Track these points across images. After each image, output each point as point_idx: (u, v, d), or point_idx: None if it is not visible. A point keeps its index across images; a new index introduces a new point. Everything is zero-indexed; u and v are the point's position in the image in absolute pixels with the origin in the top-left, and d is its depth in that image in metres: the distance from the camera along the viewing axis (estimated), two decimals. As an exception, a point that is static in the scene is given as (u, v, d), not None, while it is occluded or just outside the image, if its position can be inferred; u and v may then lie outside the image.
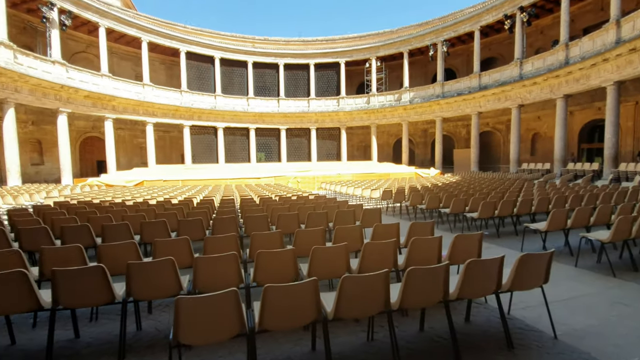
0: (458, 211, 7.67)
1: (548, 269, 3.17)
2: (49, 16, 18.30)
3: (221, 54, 27.54)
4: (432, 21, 27.14)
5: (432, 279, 2.60)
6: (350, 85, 31.13)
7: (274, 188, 13.89)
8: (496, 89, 21.27)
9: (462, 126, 27.98)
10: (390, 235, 4.29)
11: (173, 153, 28.65)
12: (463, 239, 3.85)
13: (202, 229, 5.11)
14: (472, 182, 13.71)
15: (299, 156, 30.63)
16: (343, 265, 3.27)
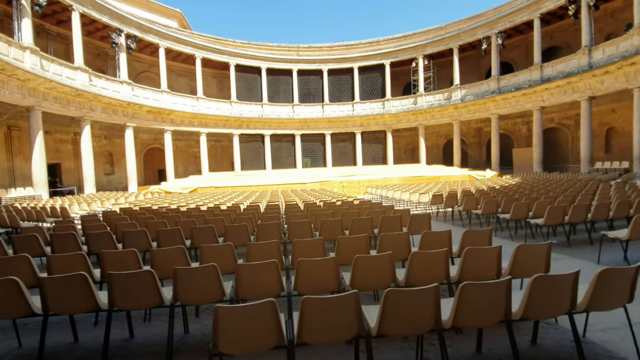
0: (520, 217, 6.94)
1: (633, 286, 2.67)
2: (118, 41, 20.46)
3: (267, 64, 28.55)
4: (484, 13, 25.42)
5: (491, 295, 2.29)
6: (395, 86, 30.34)
7: (319, 193, 13.89)
8: (561, 81, 19.20)
9: (522, 123, 25.69)
10: (440, 244, 3.96)
11: (224, 161, 30.21)
12: (527, 250, 3.40)
13: (247, 235, 5.20)
14: (535, 184, 12.44)
15: (344, 161, 30.51)
16: (388, 276, 3.05)
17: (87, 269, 3.70)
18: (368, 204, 8.36)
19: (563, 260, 5.53)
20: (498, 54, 23.29)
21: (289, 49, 31.11)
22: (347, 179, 21.12)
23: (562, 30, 22.76)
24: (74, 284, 2.89)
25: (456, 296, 2.20)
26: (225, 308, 2.01)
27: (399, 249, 3.96)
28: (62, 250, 5.01)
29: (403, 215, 6.07)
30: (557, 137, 24.03)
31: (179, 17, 31.41)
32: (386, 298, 2.05)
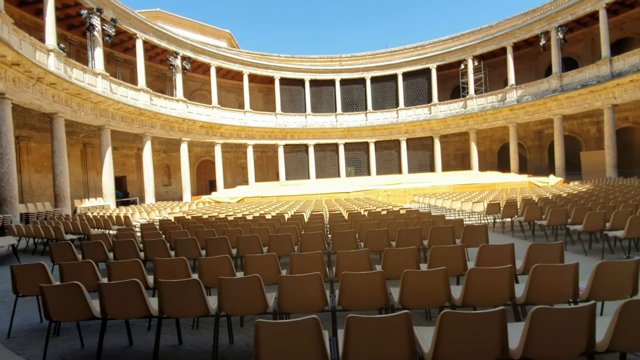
0: (595, 228, 6.09)
1: None
2: (174, 63, 22.25)
3: (310, 75, 29.10)
4: (541, 7, 23.54)
5: (570, 323, 1.93)
6: (442, 90, 29.12)
7: (363, 202, 13.59)
8: (635, 75, 16.94)
9: (591, 123, 23.07)
10: (502, 260, 3.54)
11: (269, 171, 31.11)
12: (610, 268, 2.90)
13: (290, 245, 5.15)
14: (611, 191, 10.97)
15: (388, 169, 29.79)
16: (442, 294, 2.76)
17: (142, 275, 3.88)
18: (415, 214, 7.94)
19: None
20: (559, 49, 21.29)
21: (332, 60, 31.48)
22: (393, 188, 20.51)
23: (633, 20, 20.24)
24: (128, 290, 3.02)
25: (527, 322, 1.88)
26: (266, 324, 1.91)
27: (453, 264, 3.62)
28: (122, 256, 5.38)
29: (455, 225, 5.63)
30: (634, 137, 21.16)
31: (228, 38, 33.43)
32: (442, 321, 1.80)
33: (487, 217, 10.08)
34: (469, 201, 10.95)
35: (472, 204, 10.46)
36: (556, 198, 9.75)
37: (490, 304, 3.02)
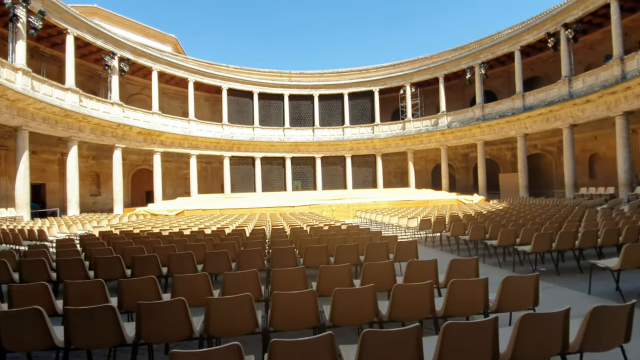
0: (507, 243, 6.86)
1: (629, 324, 2.54)
2: (111, 64, 20.60)
3: (259, 88, 29.01)
4: (467, 45, 26.69)
5: (477, 335, 2.14)
6: (384, 112, 31.02)
7: (307, 217, 13.69)
8: (543, 109, 19.91)
9: (507, 149, 26.32)
10: (426, 274, 3.82)
11: (214, 183, 29.91)
12: (515, 281, 3.29)
13: (227, 262, 4.97)
14: (522, 209, 12.51)
15: (334, 184, 30.53)
16: (370, 310, 2.88)
17: (49, 300, 3.43)
18: (355, 229, 8.22)
19: (552, 290, 5.41)
20: (482, 83, 24.19)
21: (281, 75, 31.80)
22: (337, 203, 21.01)
23: (542, 62, 23.90)
24: (28, 319, 2.65)
25: (439, 337, 2.05)
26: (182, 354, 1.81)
27: (384, 280, 3.80)
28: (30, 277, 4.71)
29: (390, 242, 5.94)
30: (541, 163, 24.62)
31: (173, 42, 32.03)
32: (363, 339, 1.88)
33: (420, 231, 10.79)
34: (405, 217, 11.65)
35: (407, 220, 11.14)
36: (477, 215, 10.83)
37: (414, 318, 3.22)
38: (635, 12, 18.20)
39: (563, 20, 18.74)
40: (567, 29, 18.47)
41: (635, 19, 18.46)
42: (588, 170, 21.48)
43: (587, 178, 21.09)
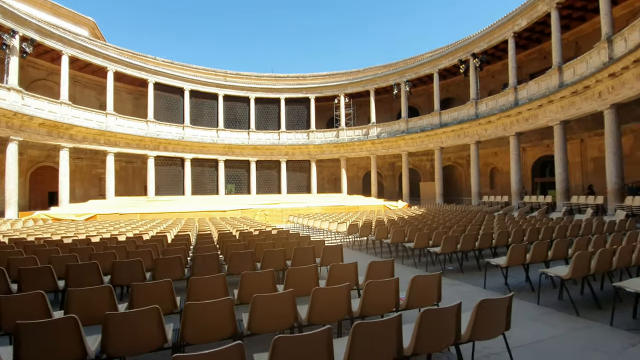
0: (422, 246, 7.55)
1: (509, 315, 2.98)
2: (10, 43, 17.50)
3: (191, 86, 27.44)
4: (395, 63, 28.99)
5: (383, 333, 2.31)
6: (320, 119, 31.84)
7: (238, 222, 13.29)
8: (455, 127, 22.54)
9: (427, 160, 29.09)
10: (347, 277, 4.01)
11: (136, 184, 27.26)
12: (422, 280, 3.63)
13: (141, 272, 4.56)
14: (436, 214, 13.90)
15: (269, 188, 30.20)
16: (289, 316, 2.91)
17: None
18: (285, 234, 8.24)
19: (457, 286, 6.09)
20: (407, 99, 26.47)
21: (216, 74, 30.57)
22: (271, 207, 20.81)
23: (456, 85, 27.09)
24: None
25: (349, 337, 2.16)
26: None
27: (308, 284, 3.88)
28: None
29: (317, 246, 6.08)
30: (454, 173, 27.77)
31: (91, 26, 28.57)
32: (275, 347, 1.89)
33: (349, 236, 11.27)
34: (335, 222, 12.06)
35: (337, 224, 11.54)
36: (400, 220, 11.73)
37: (333, 321, 3.36)
38: (527, 49, 21.75)
39: (472, 50, 21.54)
40: (475, 58, 21.26)
41: (527, 55, 22.06)
42: (489, 181, 24.86)
43: (488, 188, 24.38)
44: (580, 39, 18.64)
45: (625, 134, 15.05)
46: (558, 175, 15.95)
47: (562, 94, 15.37)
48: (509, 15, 19.03)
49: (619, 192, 12.96)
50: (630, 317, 4.23)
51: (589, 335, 3.86)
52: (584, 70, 14.53)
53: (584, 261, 4.63)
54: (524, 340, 3.69)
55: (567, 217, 10.44)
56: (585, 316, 4.38)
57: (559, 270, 4.94)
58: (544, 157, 20.98)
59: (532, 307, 4.83)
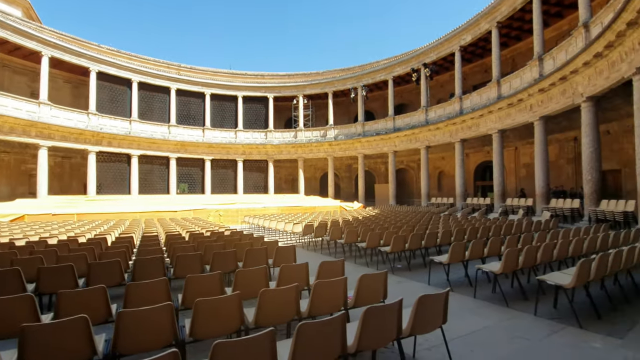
0: (374, 245, 7.81)
1: (445, 309, 3.18)
2: None
3: (140, 77, 25.73)
4: (353, 68, 29.74)
5: (328, 332, 2.36)
6: (278, 119, 31.61)
7: (190, 223, 12.72)
8: (408, 131, 23.71)
9: (382, 163, 30.20)
10: (298, 278, 4.03)
11: (74, 182, 24.91)
12: (369, 279, 3.76)
13: (73, 278, 4.17)
14: (389, 215, 14.47)
15: (224, 188, 29.28)
16: (235, 319, 2.85)
17: None
18: (239, 235, 8.05)
19: (404, 283, 6.39)
20: (363, 103, 27.29)
21: (169, 66, 29.00)
22: (226, 208, 20.22)
23: (409, 92, 28.49)
24: None
25: (293, 337, 2.18)
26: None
27: (257, 286, 3.82)
28: None
29: (270, 247, 6.03)
30: (406, 176, 29.16)
31: (25, 7, 25.58)
32: (214, 352, 1.84)
33: (304, 236, 11.31)
34: (291, 223, 12.04)
35: (292, 225, 11.53)
36: (354, 220, 12.04)
37: (282, 322, 3.35)
38: (471, 62, 23.53)
39: (423, 60, 22.82)
40: (426, 68, 22.55)
41: (471, 68, 23.87)
42: (437, 184, 26.47)
43: (436, 190, 25.96)
44: (517, 56, 20.60)
45: (551, 144, 16.90)
46: (495, 179, 17.45)
47: (500, 106, 16.87)
48: (456, 30, 20.46)
49: (545, 195, 14.52)
50: (552, 307, 4.75)
51: (515, 324, 4.26)
52: (518, 84, 16.07)
53: (513, 257, 5.12)
54: (461, 331, 3.97)
55: (502, 218, 11.46)
56: (513, 307, 4.83)
57: (492, 266, 5.41)
58: (485, 162, 22.86)
59: (470, 300, 5.23)
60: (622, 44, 9.95)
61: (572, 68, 12.10)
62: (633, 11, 8.70)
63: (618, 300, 4.97)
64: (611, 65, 10.62)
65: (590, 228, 7.69)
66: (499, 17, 17.38)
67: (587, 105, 11.90)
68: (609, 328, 4.03)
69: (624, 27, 9.31)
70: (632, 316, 4.40)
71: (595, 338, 3.79)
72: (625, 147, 14.14)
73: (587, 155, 11.90)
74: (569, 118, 15.20)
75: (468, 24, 19.55)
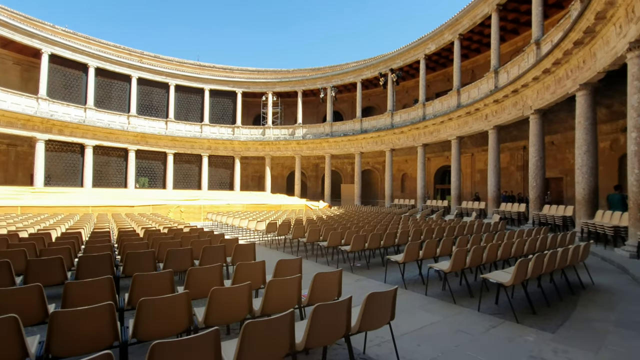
0: (335, 244, 7.94)
1: (393, 306, 3.31)
2: None
3: (98, 63, 24.13)
4: (323, 68, 29.94)
5: (275, 330, 2.38)
6: (247, 115, 31.06)
7: (147, 219, 12.15)
8: (374, 134, 24.32)
9: (348, 163, 30.70)
10: (254, 276, 4.01)
11: (19, 172, 22.89)
12: (324, 277, 3.82)
13: (9, 276, 3.86)
14: (352, 215, 14.76)
15: (188, 184, 28.27)
16: (183, 319, 2.78)
17: None
18: (197, 232, 7.84)
19: (362, 282, 6.56)
20: (332, 103, 27.59)
21: (130, 53, 27.46)
22: (188, 204, 19.53)
23: (376, 95, 29.22)
24: None
25: (239, 337, 2.17)
26: None
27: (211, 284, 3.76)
28: None
29: (229, 244, 5.94)
30: (372, 177, 29.89)
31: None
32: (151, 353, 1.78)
33: (267, 235, 11.24)
34: (254, 221, 11.91)
35: (256, 223, 11.41)
36: (318, 219, 12.15)
37: (233, 321, 3.32)
38: (435, 70, 24.59)
39: (390, 66, 23.52)
40: (393, 73, 23.26)
41: (435, 76, 24.94)
42: (401, 186, 27.40)
43: (400, 191, 26.87)
44: (476, 67, 21.82)
45: (503, 151, 18.13)
46: (453, 183, 18.40)
47: (459, 114, 17.80)
48: (422, 38, 21.29)
49: (496, 199, 15.54)
50: (494, 303, 5.10)
51: (460, 320, 4.53)
52: (476, 94, 17.05)
53: (462, 257, 5.44)
54: (410, 327, 4.17)
55: (457, 219, 12.10)
56: (460, 304, 5.13)
57: (443, 265, 5.71)
58: (444, 166, 24.03)
59: (421, 297, 5.48)
60: (569, 62, 10.88)
61: (523, 82, 13.05)
62: (580, 31, 9.53)
63: (552, 298, 5.43)
64: (558, 81, 11.57)
65: (532, 230, 8.35)
66: (461, 30, 18.32)
67: (535, 117, 12.89)
68: (543, 323, 4.40)
69: (570, 46, 10.17)
70: (563, 312, 4.82)
71: (530, 332, 4.11)
72: (568, 157, 15.50)
73: (533, 163, 12.89)
74: (520, 128, 16.37)
75: (433, 33, 20.41)
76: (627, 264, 7.13)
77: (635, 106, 7.60)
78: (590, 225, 9.33)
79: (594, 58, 9.54)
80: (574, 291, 5.71)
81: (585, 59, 10.01)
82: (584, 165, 9.98)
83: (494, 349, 3.69)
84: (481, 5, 16.65)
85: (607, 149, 13.67)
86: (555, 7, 15.65)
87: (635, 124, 7.58)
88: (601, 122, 12.93)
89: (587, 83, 9.95)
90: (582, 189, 10.04)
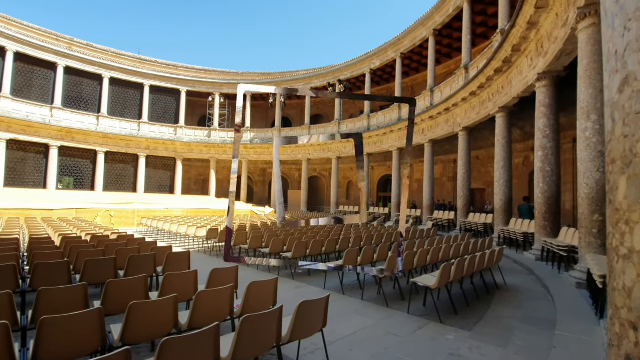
0: (277, 251, 7.88)
1: (325, 313, 3.37)
2: None
3: (17, 46, 21.25)
4: (273, 73, 29.89)
5: (197, 346, 2.29)
6: (191, 115, 29.62)
7: (67, 224, 10.88)
8: (321, 141, 24.80)
9: (296, 169, 30.83)
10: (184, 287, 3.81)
11: None
12: (258, 286, 3.77)
13: None
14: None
15: (121, 186, 25.96)
16: (95, 336, 2.54)
17: None
18: (126, 239, 7.22)
19: (302, 288, 6.59)
20: (281, 109, 27.58)
21: (57, 38, 24.64)
22: (120, 208, 17.93)
23: (324, 104, 29.95)
24: None
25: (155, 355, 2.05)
26: None
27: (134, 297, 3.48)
28: None
29: (160, 253, 5.57)
30: (318, 184, 30.37)
31: None
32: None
33: (208, 241, 10.76)
34: (194, 226, 11.34)
35: (196, 229, 10.87)
36: (262, 226, 11.97)
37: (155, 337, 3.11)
38: (380, 85, 25.99)
39: (339, 77, 24.37)
40: (341, 84, 24.08)
41: (379, 89, 26.36)
42: (346, 193, 28.23)
43: (345, 198, 27.66)
44: (415, 85, 23.53)
45: (437, 164, 19.69)
46: (393, 191, 19.49)
47: (400, 127, 19.00)
48: (368, 54, 22.40)
49: (430, 208, 16.78)
50: (422, 305, 5.46)
51: (391, 322, 4.77)
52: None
53: (394, 262, 5.76)
54: (345, 332, 4.27)
55: (396, 226, 12.79)
56: (392, 307, 5.41)
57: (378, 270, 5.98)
58: (386, 175, 25.35)
59: (358, 302, 5.67)
60: (490, 87, 12.24)
61: (454, 102, 14.38)
62: (499, 60, 10.80)
63: (471, 298, 5.98)
64: (482, 103, 12.95)
65: (459, 236, 9.15)
66: (403, 49, 19.68)
67: (463, 134, 14.25)
68: (462, 322, 4.81)
69: (492, 73, 11.47)
70: (480, 311, 5.33)
71: (450, 331, 4.48)
72: (489, 170, 17.33)
73: (460, 175, 14.19)
74: (451, 143, 17.96)
75: (378, 50, 21.58)
76: (533, 266, 8.16)
77: (541, 129, 8.79)
78: (505, 232, 10.53)
79: (510, 85, 10.87)
80: (489, 291, 6.36)
81: (503, 85, 11.36)
82: (501, 179, 11.25)
83: (418, 349, 3.94)
84: (420, 28, 18.13)
85: (521, 164, 15.59)
86: (482, 37, 17.60)
87: (540, 144, 8.76)
88: (516, 141, 14.72)
89: (504, 106, 11.28)
90: (499, 199, 11.29)
